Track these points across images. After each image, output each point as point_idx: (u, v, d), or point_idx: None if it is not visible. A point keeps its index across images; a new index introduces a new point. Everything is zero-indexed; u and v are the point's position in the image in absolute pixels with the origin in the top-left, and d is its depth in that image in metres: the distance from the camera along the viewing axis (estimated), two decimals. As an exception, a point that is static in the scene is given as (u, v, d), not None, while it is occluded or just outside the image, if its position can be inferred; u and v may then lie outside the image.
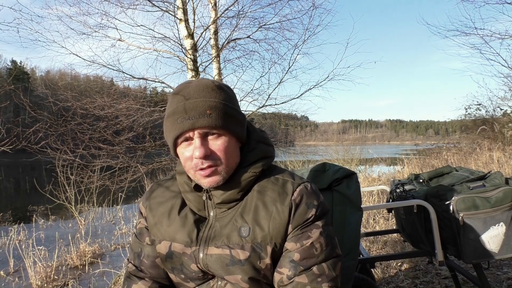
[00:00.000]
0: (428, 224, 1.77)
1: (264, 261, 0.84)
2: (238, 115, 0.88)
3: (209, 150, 0.83)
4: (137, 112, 5.92)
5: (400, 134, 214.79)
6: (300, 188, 0.88)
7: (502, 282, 2.48)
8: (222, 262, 0.85)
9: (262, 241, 0.84)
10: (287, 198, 0.86)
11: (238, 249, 0.84)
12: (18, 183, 14.46)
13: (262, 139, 0.95)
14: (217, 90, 0.85)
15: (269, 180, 0.91)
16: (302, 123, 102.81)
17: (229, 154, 0.85)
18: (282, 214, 0.85)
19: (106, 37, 5.66)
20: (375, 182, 7.17)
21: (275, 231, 0.85)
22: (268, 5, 6.04)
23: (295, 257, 0.84)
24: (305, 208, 0.86)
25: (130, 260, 1.01)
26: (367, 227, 4.11)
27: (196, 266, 0.88)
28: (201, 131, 0.82)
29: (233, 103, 0.88)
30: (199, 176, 0.85)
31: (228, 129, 0.84)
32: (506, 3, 8.11)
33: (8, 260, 3.78)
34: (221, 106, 0.83)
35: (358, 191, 1.52)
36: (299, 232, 0.85)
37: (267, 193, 0.88)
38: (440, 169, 2.13)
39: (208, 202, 0.90)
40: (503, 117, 9.91)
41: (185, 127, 0.82)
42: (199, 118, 0.81)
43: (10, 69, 46.77)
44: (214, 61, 6.12)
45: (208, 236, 0.88)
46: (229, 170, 0.86)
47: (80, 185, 5.78)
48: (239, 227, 0.86)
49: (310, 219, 0.86)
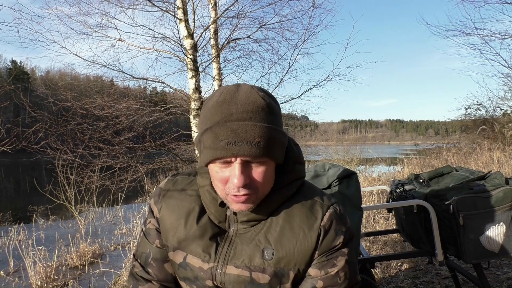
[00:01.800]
0: (428, 224, 1.77)
1: (284, 286, 0.81)
2: (282, 137, 0.79)
3: (249, 179, 0.75)
4: (137, 112, 5.93)
5: (400, 134, 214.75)
6: (330, 212, 0.83)
7: (502, 282, 2.48)
8: (240, 283, 0.81)
9: (286, 266, 0.80)
10: (316, 223, 0.82)
11: (259, 272, 0.80)
12: (18, 183, 14.45)
13: (298, 159, 0.88)
14: (267, 110, 0.75)
15: (297, 200, 0.85)
16: (302, 123, 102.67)
17: (267, 182, 0.79)
18: (309, 240, 0.81)
19: (106, 37, 5.67)
20: (375, 182, 7.17)
21: (300, 257, 0.81)
22: (268, 5, 6.06)
23: (317, 284, 0.81)
24: (333, 235, 0.82)
25: (137, 258, 0.96)
26: (367, 227, 4.11)
27: (212, 283, 0.84)
28: (245, 158, 0.74)
29: (279, 124, 0.79)
30: (230, 200, 0.78)
31: (272, 156, 0.76)
32: (506, 3, 8.11)
33: (8, 260, 3.77)
34: (270, 133, 0.74)
35: (358, 191, 1.53)
36: (324, 259, 0.82)
37: (294, 215, 0.83)
38: (440, 169, 2.13)
39: (231, 217, 0.85)
40: (503, 117, 9.90)
41: (229, 153, 0.72)
42: (246, 146, 0.72)
43: (10, 69, 46.81)
44: (214, 61, 6.13)
45: (227, 252, 0.83)
46: (263, 196, 0.80)
47: (80, 185, 5.78)
48: (262, 248, 0.81)
49: (337, 246, 0.82)
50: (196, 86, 5.60)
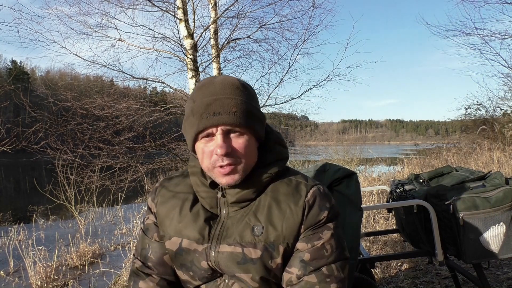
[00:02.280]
0: (428, 224, 1.77)
1: (275, 261, 0.85)
2: (260, 115, 0.89)
3: (231, 148, 0.83)
4: (137, 112, 5.93)
5: (400, 134, 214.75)
6: (313, 190, 0.89)
7: (502, 282, 2.48)
8: (234, 260, 0.85)
9: (275, 241, 0.85)
10: (300, 199, 0.87)
11: (251, 247, 0.85)
12: (18, 183, 14.46)
13: (279, 140, 0.96)
14: (242, 89, 0.86)
15: (283, 181, 0.92)
16: (302, 123, 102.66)
17: (249, 153, 0.86)
18: (295, 215, 0.86)
19: (106, 37, 5.67)
20: (375, 182, 7.17)
21: (288, 231, 0.85)
22: (268, 5, 6.06)
23: (305, 257, 0.85)
24: (317, 210, 0.87)
25: (137, 255, 1.00)
26: (367, 227, 4.11)
27: (207, 264, 0.88)
28: (225, 128, 0.82)
29: (256, 102, 0.89)
30: (217, 173, 0.85)
31: (250, 128, 0.85)
32: (506, 3, 8.11)
33: (8, 260, 3.77)
34: (245, 105, 0.84)
35: (358, 191, 1.52)
36: (310, 233, 0.86)
37: (280, 193, 0.89)
38: (440, 169, 2.13)
39: (222, 200, 0.91)
40: (503, 117, 9.90)
41: (209, 123, 0.82)
42: (224, 115, 0.81)
43: (10, 69, 46.79)
44: (214, 61, 6.13)
45: (220, 233, 0.88)
46: (247, 169, 0.87)
47: (80, 185, 5.78)
48: (252, 225, 0.86)
49: (322, 220, 0.87)
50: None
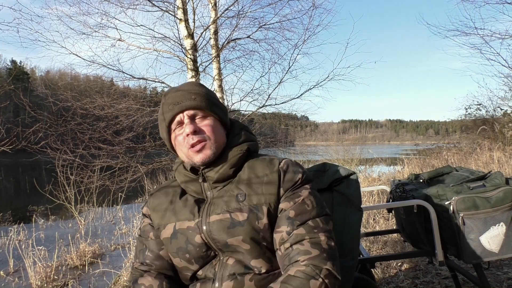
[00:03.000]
0: (428, 224, 1.77)
1: (261, 221, 0.94)
2: (219, 103, 1.06)
3: (198, 127, 0.98)
4: (137, 112, 5.92)
5: (400, 134, 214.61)
6: (285, 160, 1.03)
7: (502, 282, 2.48)
8: (224, 225, 0.94)
9: (258, 203, 0.95)
10: (275, 167, 1.00)
11: (237, 212, 0.95)
12: (18, 183, 14.46)
13: (245, 127, 1.11)
14: (199, 85, 1.04)
15: (257, 159, 1.04)
16: (302, 123, 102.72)
17: (216, 132, 1.00)
18: (272, 179, 0.98)
19: (106, 37, 5.65)
20: (375, 182, 7.17)
21: (268, 192, 0.96)
22: (268, 5, 6.04)
23: (290, 214, 0.94)
24: (292, 174, 0.99)
25: (135, 259, 1.09)
26: (367, 227, 4.11)
27: (200, 238, 0.96)
28: (189, 113, 0.99)
29: (214, 95, 1.06)
30: (192, 153, 0.98)
31: (212, 111, 1.01)
32: (506, 3, 8.10)
33: (8, 260, 3.78)
34: (204, 93, 1.01)
35: (358, 191, 1.52)
36: (290, 193, 0.97)
37: (257, 167, 1.01)
38: (440, 169, 2.13)
39: (204, 185, 1.02)
40: (503, 117, 9.89)
41: (174, 111, 0.98)
42: (186, 101, 0.98)
43: (10, 69, 46.78)
44: (214, 61, 6.12)
45: (208, 208, 0.98)
46: (218, 147, 1.00)
47: (80, 185, 5.77)
48: (236, 194, 0.97)
49: (298, 181, 0.98)
50: (196, 86, 5.59)
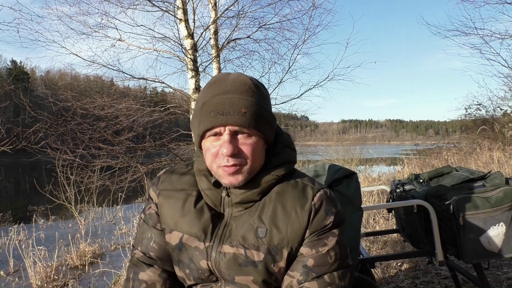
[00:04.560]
0: (428, 224, 1.77)
1: (278, 265, 0.83)
2: (270, 117, 0.87)
3: (237, 149, 0.82)
4: (137, 112, 5.92)
5: (400, 134, 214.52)
6: (320, 194, 0.88)
7: (502, 282, 2.48)
8: (235, 261, 0.83)
9: (279, 244, 0.83)
10: (307, 203, 0.86)
11: (253, 250, 0.83)
12: (18, 183, 14.44)
13: (288, 143, 0.94)
14: (254, 89, 0.84)
15: (289, 183, 0.90)
16: (302, 123, 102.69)
17: (256, 155, 0.84)
18: (301, 218, 0.84)
19: (106, 37, 5.66)
20: (375, 182, 7.17)
21: (293, 235, 0.84)
22: (268, 5, 6.05)
23: (308, 262, 0.83)
24: (324, 215, 0.85)
25: (137, 246, 0.97)
26: (367, 227, 4.11)
27: (206, 264, 0.86)
28: (233, 128, 0.81)
29: (267, 104, 0.87)
30: (221, 172, 0.83)
31: (259, 130, 0.83)
32: (506, 3, 8.10)
33: (8, 260, 3.78)
34: (256, 107, 0.82)
35: (358, 191, 1.52)
36: (315, 238, 0.84)
37: (286, 196, 0.87)
38: (440, 169, 2.13)
39: (226, 199, 0.89)
40: (503, 117, 9.90)
41: (217, 122, 0.80)
42: (233, 115, 0.79)
43: (10, 69, 46.77)
44: (214, 61, 6.12)
45: (223, 234, 0.86)
46: (253, 172, 0.85)
47: (80, 185, 5.78)
48: (256, 227, 0.84)
49: (328, 226, 0.85)
50: (196, 86, 5.60)
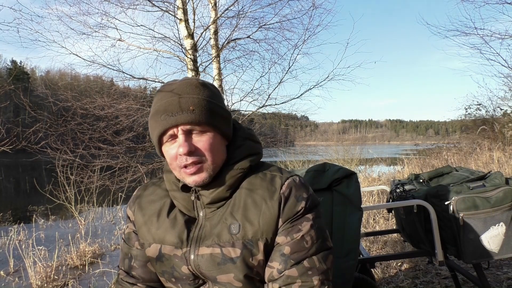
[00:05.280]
0: (428, 224, 1.77)
1: (256, 258, 0.83)
2: (222, 112, 0.87)
3: (193, 147, 0.82)
4: (137, 112, 5.92)
5: (400, 134, 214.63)
6: (288, 182, 0.87)
7: (502, 282, 2.48)
8: (214, 261, 0.83)
9: (253, 237, 0.83)
10: (276, 193, 0.85)
11: (229, 247, 0.83)
12: (18, 183, 14.44)
13: (249, 136, 0.94)
14: (200, 87, 0.85)
15: (257, 176, 0.89)
16: (302, 123, 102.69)
17: (214, 151, 0.84)
18: (272, 209, 0.84)
19: (106, 37, 5.66)
20: (375, 182, 7.17)
21: (266, 226, 0.83)
22: (268, 5, 6.04)
23: (285, 250, 0.83)
24: (294, 201, 0.85)
25: (121, 266, 0.99)
26: (367, 227, 4.11)
27: (187, 269, 0.86)
28: (185, 127, 0.82)
29: (217, 100, 0.87)
30: (184, 174, 0.84)
31: (212, 125, 0.84)
32: (506, 3, 8.10)
33: (8, 260, 3.78)
34: (204, 103, 0.83)
35: (358, 191, 1.53)
36: (289, 226, 0.84)
37: (255, 188, 0.87)
38: (440, 169, 2.13)
39: (197, 202, 0.89)
40: (503, 117, 9.90)
41: (168, 124, 0.81)
42: (182, 114, 0.80)
43: (10, 69, 46.76)
44: (214, 61, 6.12)
45: (198, 236, 0.86)
46: (215, 168, 0.85)
47: (80, 185, 5.77)
48: (229, 224, 0.84)
49: (300, 212, 0.85)
50: (196, 86, 5.60)
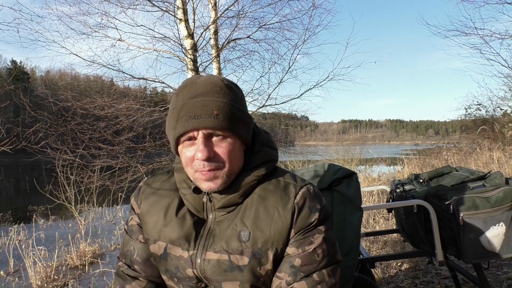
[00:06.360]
0: (428, 224, 1.77)
1: (264, 268, 0.81)
2: (245, 117, 0.84)
3: (213, 153, 0.79)
4: (137, 112, 5.93)
5: (400, 134, 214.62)
6: (303, 191, 0.85)
7: (502, 282, 2.48)
8: (220, 267, 0.81)
9: (263, 246, 0.81)
10: (289, 202, 0.83)
11: (237, 254, 0.81)
12: (18, 183, 14.44)
13: (267, 142, 0.91)
14: (226, 90, 0.80)
15: (271, 182, 0.87)
16: (302, 123, 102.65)
17: (233, 158, 0.81)
18: (284, 218, 0.82)
19: (106, 37, 5.67)
20: (375, 182, 7.17)
21: (277, 236, 0.81)
22: (268, 5, 6.06)
23: (296, 262, 0.81)
24: (308, 212, 0.83)
25: (121, 258, 0.96)
26: (367, 227, 4.11)
27: (192, 272, 0.84)
28: (206, 132, 0.78)
29: (241, 104, 0.84)
30: (199, 178, 0.81)
31: (233, 132, 0.80)
32: (506, 3, 8.10)
33: (8, 260, 3.77)
34: (228, 108, 0.79)
35: (358, 191, 1.53)
36: (301, 237, 0.82)
37: (268, 196, 0.84)
38: (440, 169, 2.13)
39: (208, 204, 0.86)
40: (503, 117, 9.90)
41: (189, 126, 0.77)
42: (205, 118, 0.77)
43: (10, 69, 46.70)
44: (214, 61, 6.13)
45: (206, 240, 0.85)
46: (232, 174, 0.83)
47: (80, 185, 5.78)
48: (238, 231, 0.82)
49: (313, 223, 0.83)
50: (196, 86, 5.60)
